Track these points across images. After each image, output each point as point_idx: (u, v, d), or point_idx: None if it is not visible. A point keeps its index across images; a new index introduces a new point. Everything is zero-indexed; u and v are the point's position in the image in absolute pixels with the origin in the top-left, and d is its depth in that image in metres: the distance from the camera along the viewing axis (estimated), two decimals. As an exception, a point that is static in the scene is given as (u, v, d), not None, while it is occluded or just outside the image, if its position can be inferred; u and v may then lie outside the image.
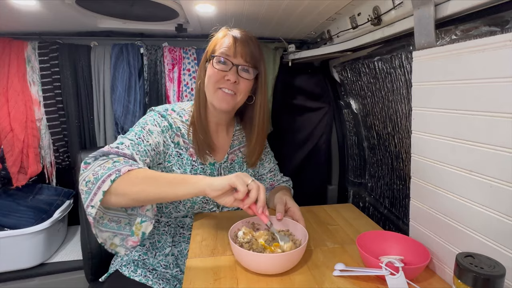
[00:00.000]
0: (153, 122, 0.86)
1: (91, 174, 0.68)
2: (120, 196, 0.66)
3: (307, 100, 1.60)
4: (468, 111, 0.57)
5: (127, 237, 0.71)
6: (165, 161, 0.88)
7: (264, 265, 0.65)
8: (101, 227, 0.71)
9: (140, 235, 0.70)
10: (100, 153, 0.73)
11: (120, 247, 0.71)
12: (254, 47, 0.88)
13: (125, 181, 0.67)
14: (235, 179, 0.66)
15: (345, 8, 0.98)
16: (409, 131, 0.91)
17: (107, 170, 0.67)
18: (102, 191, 0.65)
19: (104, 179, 0.66)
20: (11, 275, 1.30)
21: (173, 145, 0.89)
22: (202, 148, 0.90)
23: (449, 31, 0.67)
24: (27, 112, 1.43)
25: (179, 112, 0.92)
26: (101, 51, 1.46)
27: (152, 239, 0.94)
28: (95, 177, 0.67)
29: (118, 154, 0.74)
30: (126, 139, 0.79)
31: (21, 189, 1.47)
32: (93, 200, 0.65)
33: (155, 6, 1.07)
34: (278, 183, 1.09)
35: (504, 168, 0.51)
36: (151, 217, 0.71)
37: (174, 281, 0.90)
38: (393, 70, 0.98)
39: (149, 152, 0.80)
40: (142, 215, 0.71)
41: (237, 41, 0.85)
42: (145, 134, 0.82)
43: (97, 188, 0.65)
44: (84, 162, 0.72)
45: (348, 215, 0.97)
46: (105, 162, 0.70)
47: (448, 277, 0.64)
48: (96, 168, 0.69)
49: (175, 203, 0.91)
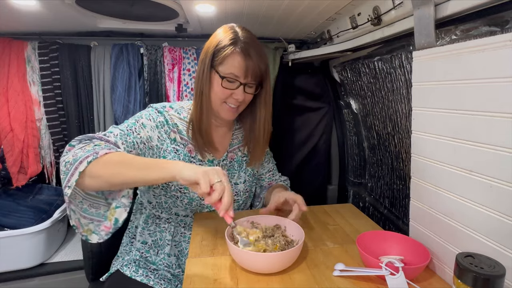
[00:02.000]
0: (148, 117, 0.87)
1: (71, 156, 0.70)
2: (94, 178, 0.67)
3: (307, 100, 1.60)
4: (468, 111, 0.57)
5: (101, 223, 0.72)
6: (160, 156, 0.88)
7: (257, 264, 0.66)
8: (81, 211, 0.71)
9: (113, 221, 0.71)
10: (85, 137, 0.75)
11: (94, 234, 0.72)
12: (262, 61, 0.85)
13: (100, 164, 0.67)
14: (201, 175, 0.64)
15: (345, 8, 0.98)
16: (409, 131, 0.91)
17: (86, 152, 0.69)
18: (78, 171, 0.66)
19: (82, 160, 0.67)
20: (11, 275, 1.30)
21: (169, 141, 0.89)
22: (202, 146, 0.90)
23: (449, 31, 0.68)
24: (27, 112, 1.43)
25: (178, 109, 0.93)
26: (101, 51, 1.46)
27: (154, 236, 0.94)
28: (74, 158, 0.68)
29: (101, 139, 0.76)
30: (117, 129, 0.81)
31: (21, 189, 1.47)
32: (70, 180, 0.66)
33: (155, 6, 1.07)
34: (276, 183, 1.09)
35: (504, 168, 0.51)
36: (126, 204, 0.72)
37: (175, 281, 0.90)
38: (393, 70, 0.98)
39: (138, 144, 0.81)
40: (117, 200, 0.72)
41: (247, 61, 0.83)
42: (137, 127, 0.83)
43: (74, 169, 0.67)
44: (69, 145, 0.74)
45: (348, 215, 0.97)
46: (86, 145, 0.72)
47: (448, 277, 0.64)
48: (77, 150, 0.71)
49: (172, 197, 0.91)
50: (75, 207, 0.70)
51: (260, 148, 0.97)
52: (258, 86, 0.90)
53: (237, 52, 0.83)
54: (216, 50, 0.84)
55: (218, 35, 0.86)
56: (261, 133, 0.95)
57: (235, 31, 0.85)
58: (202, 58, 0.87)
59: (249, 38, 0.85)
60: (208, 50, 0.85)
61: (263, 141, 0.96)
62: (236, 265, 0.69)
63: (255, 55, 0.84)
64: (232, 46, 0.83)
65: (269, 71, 0.91)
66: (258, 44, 0.86)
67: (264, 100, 0.93)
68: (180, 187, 0.89)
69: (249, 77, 0.84)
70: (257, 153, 0.98)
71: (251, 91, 0.89)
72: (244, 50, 0.83)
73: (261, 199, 1.07)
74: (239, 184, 0.98)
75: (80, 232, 0.71)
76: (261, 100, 0.93)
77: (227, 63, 0.83)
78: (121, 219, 0.71)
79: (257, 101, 0.94)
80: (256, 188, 1.09)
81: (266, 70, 0.89)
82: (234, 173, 0.98)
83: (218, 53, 0.84)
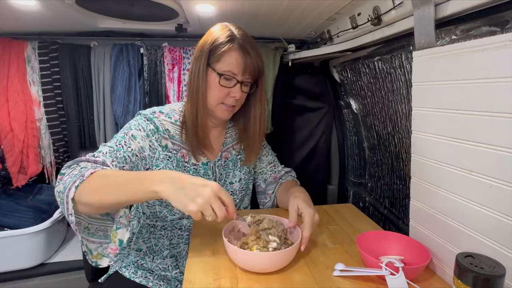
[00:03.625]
0: (137, 127, 0.84)
1: (61, 185, 0.67)
2: (85, 206, 0.65)
3: (307, 100, 1.60)
4: (468, 111, 0.57)
5: (108, 245, 0.71)
6: (153, 165, 0.86)
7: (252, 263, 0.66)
8: (88, 237, 0.70)
9: (117, 242, 0.69)
10: (73, 162, 0.73)
11: (104, 257, 0.71)
12: (259, 58, 0.86)
13: (86, 189, 0.64)
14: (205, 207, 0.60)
15: (345, 8, 0.98)
16: (409, 131, 0.91)
17: (73, 178, 0.66)
18: (70, 199, 0.64)
19: (70, 187, 0.64)
20: (11, 275, 1.30)
21: (160, 149, 0.86)
22: (196, 148, 0.89)
23: (449, 31, 0.67)
24: (27, 112, 1.43)
25: (168, 113, 0.90)
26: (101, 51, 1.46)
27: (149, 243, 0.93)
28: (64, 187, 0.66)
29: (89, 161, 0.73)
30: (106, 146, 0.78)
31: (21, 189, 1.47)
32: (68, 209, 0.65)
33: (155, 6, 1.07)
34: (280, 175, 1.07)
35: (504, 168, 0.51)
36: (126, 224, 0.70)
37: (175, 282, 0.90)
38: (393, 70, 0.98)
39: (130, 158, 0.79)
40: (117, 221, 0.70)
41: (245, 57, 0.82)
42: (127, 140, 0.80)
43: (66, 197, 0.64)
44: (60, 174, 0.71)
45: (348, 215, 0.97)
46: (73, 170, 0.69)
47: (448, 277, 0.64)
48: (66, 177, 0.68)
49: (168, 206, 0.90)
50: (82, 234, 0.69)
51: (255, 147, 0.96)
52: (253, 84, 0.89)
53: (235, 49, 0.82)
54: (213, 47, 0.82)
55: (213, 33, 0.84)
56: (256, 131, 0.94)
57: (231, 29, 0.85)
58: (197, 56, 0.85)
59: (245, 35, 0.85)
60: (204, 48, 0.83)
61: (258, 139, 0.95)
62: (236, 265, 0.69)
63: (253, 51, 0.83)
64: (229, 43, 0.82)
65: (264, 69, 0.90)
66: (254, 42, 0.86)
67: (259, 98, 0.92)
68: None
69: (247, 74, 0.84)
70: (252, 152, 0.97)
71: (247, 90, 0.88)
72: (241, 47, 0.82)
73: (270, 196, 1.04)
74: (235, 183, 0.98)
75: (90, 259, 0.70)
76: (256, 98, 0.92)
77: (224, 60, 0.82)
78: (125, 239, 0.69)
79: (251, 100, 0.93)
80: (260, 184, 1.08)
81: (262, 68, 0.88)
82: (229, 172, 0.97)
83: (215, 50, 0.82)
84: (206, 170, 0.93)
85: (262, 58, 0.89)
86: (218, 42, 0.82)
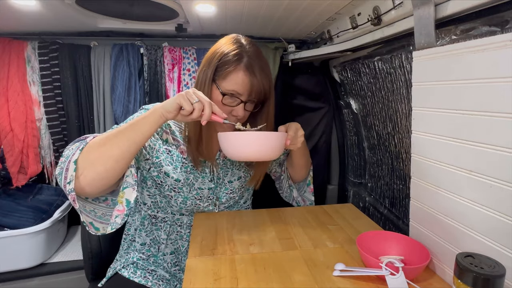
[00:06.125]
0: None
1: (62, 158, 0.70)
2: (95, 164, 0.66)
3: (307, 100, 1.60)
4: (468, 111, 0.57)
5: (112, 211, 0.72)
6: (153, 156, 0.86)
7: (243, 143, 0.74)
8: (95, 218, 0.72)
9: (124, 203, 0.71)
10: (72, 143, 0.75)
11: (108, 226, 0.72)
12: (266, 78, 0.84)
13: (93, 147, 0.68)
14: (181, 98, 0.68)
15: (345, 8, 0.98)
16: (409, 131, 0.91)
17: (74, 149, 0.69)
18: (72, 161, 0.65)
19: (74, 153, 0.67)
20: (11, 275, 1.30)
21: (160, 142, 0.88)
22: (197, 160, 0.89)
23: (449, 31, 0.67)
24: (27, 112, 1.43)
25: None
26: (101, 51, 1.46)
27: (151, 235, 0.94)
28: (65, 158, 0.68)
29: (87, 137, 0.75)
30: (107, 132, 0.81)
31: (21, 189, 1.47)
32: (66, 178, 0.65)
33: (155, 6, 1.07)
34: None
35: (504, 168, 0.51)
36: (132, 183, 0.72)
37: (174, 281, 0.90)
38: (393, 70, 0.98)
39: None
40: (123, 181, 0.72)
41: (251, 79, 0.81)
42: None
43: (68, 163, 0.66)
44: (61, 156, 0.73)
45: (348, 215, 0.97)
46: (72, 145, 0.72)
47: (448, 277, 0.64)
48: (65, 151, 0.71)
49: (166, 197, 0.91)
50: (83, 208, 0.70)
51: (261, 167, 0.96)
52: (258, 103, 0.88)
53: (242, 69, 0.80)
54: (220, 64, 0.81)
55: (222, 47, 0.83)
56: None
57: (241, 44, 0.83)
58: (204, 69, 0.84)
59: (254, 52, 0.83)
60: (212, 62, 0.82)
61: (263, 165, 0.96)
62: (236, 265, 0.69)
63: (260, 72, 0.82)
64: (237, 62, 0.80)
65: (273, 89, 0.88)
66: (263, 59, 0.85)
67: (266, 117, 0.90)
68: (174, 187, 0.89)
69: (252, 95, 0.83)
70: (258, 172, 0.97)
71: (251, 108, 0.88)
72: (249, 67, 0.80)
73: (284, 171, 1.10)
74: (234, 181, 0.97)
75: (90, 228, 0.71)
76: (262, 116, 0.91)
77: (230, 80, 0.81)
78: (132, 199, 0.71)
79: (257, 117, 0.92)
80: (276, 169, 1.11)
81: (270, 88, 0.86)
82: (227, 171, 0.97)
83: (222, 67, 0.81)
84: (204, 167, 0.93)
85: (271, 77, 0.87)
86: (226, 59, 0.81)
